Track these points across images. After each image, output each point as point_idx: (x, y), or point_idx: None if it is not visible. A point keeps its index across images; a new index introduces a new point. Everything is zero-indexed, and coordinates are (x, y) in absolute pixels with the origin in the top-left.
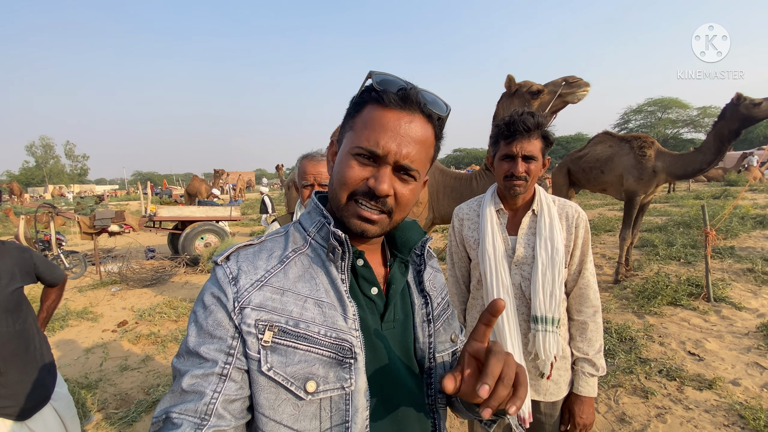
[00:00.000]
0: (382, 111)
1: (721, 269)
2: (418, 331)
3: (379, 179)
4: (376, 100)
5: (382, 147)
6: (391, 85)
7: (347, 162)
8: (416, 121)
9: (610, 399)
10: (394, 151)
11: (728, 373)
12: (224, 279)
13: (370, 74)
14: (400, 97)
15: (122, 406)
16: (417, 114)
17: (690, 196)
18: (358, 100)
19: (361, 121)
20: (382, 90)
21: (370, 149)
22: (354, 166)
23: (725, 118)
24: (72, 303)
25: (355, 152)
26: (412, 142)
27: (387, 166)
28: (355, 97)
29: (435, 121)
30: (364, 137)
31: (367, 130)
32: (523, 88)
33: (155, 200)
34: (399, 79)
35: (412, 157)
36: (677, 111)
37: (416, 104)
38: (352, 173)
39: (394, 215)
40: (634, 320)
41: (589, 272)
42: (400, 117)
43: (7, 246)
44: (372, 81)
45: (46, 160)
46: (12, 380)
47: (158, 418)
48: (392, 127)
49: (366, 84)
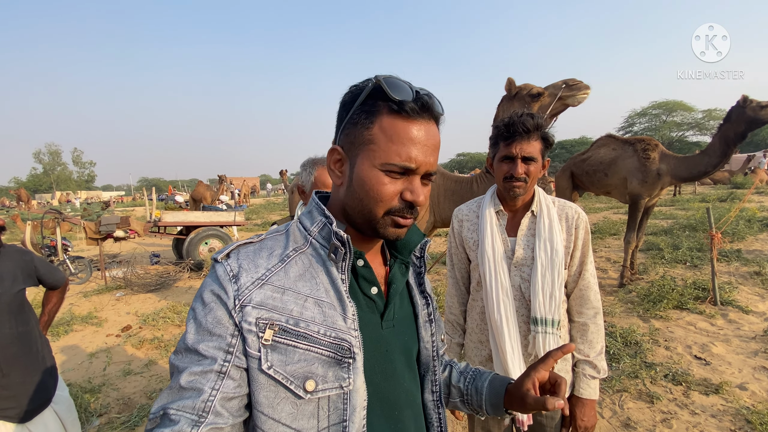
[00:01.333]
0: (405, 122)
1: (728, 272)
2: (422, 331)
3: (416, 192)
4: (394, 111)
5: (415, 161)
6: (404, 91)
7: (378, 178)
8: (433, 127)
9: (615, 404)
10: (425, 162)
11: (735, 378)
12: (225, 276)
13: (378, 79)
14: (421, 107)
15: (124, 411)
16: (432, 120)
17: (696, 199)
18: (370, 108)
19: (383, 134)
20: (401, 100)
21: (403, 165)
22: (387, 183)
23: (731, 120)
24: (77, 308)
25: (387, 169)
26: (435, 149)
27: (418, 177)
28: (359, 102)
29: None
30: (394, 153)
31: (396, 145)
32: (524, 91)
33: (161, 205)
34: (406, 82)
35: (433, 164)
36: (682, 114)
37: (434, 111)
38: (387, 190)
39: (416, 216)
40: (639, 324)
41: (590, 273)
42: (422, 127)
43: (8, 249)
44: (384, 88)
45: (54, 167)
46: (14, 382)
47: (155, 414)
48: (420, 140)
49: (368, 87)
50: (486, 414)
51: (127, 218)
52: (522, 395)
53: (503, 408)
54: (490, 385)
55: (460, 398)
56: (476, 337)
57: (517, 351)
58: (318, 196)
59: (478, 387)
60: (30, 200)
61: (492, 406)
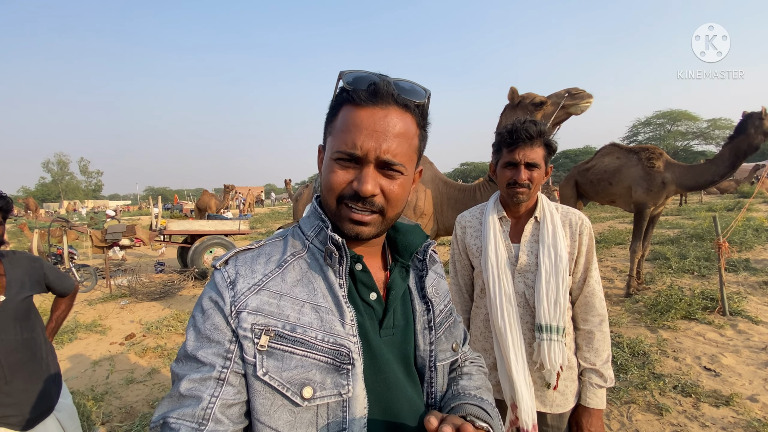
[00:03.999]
0: (356, 110)
1: (736, 282)
2: (419, 339)
3: (362, 180)
4: (348, 101)
5: (360, 147)
6: (362, 81)
7: (330, 167)
8: (392, 114)
9: (623, 416)
10: (373, 148)
11: (746, 389)
12: (222, 283)
13: (341, 74)
14: (370, 93)
15: (127, 419)
16: (392, 106)
17: (702, 208)
18: (334, 103)
19: (338, 125)
20: (352, 89)
21: (348, 152)
22: (337, 171)
23: (746, 132)
24: (81, 316)
25: (336, 157)
26: (391, 136)
27: (369, 165)
28: (331, 101)
29: (414, 110)
30: (341, 140)
31: (344, 133)
32: (526, 99)
33: (165, 214)
34: (371, 73)
35: (393, 152)
36: (686, 123)
37: (389, 96)
38: (336, 178)
39: (387, 213)
40: (646, 334)
41: (594, 280)
42: (374, 113)
43: (17, 256)
44: (343, 81)
45: (62, 177)
46: (17, 389)
47: (156, 423)
48: (367, 125)
49: (339, 85)
50: None
51: (133, 227)
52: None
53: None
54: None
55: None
56: (480, 345)
57: (521, 359)
58: (317, 201)
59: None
60: (38, 209)
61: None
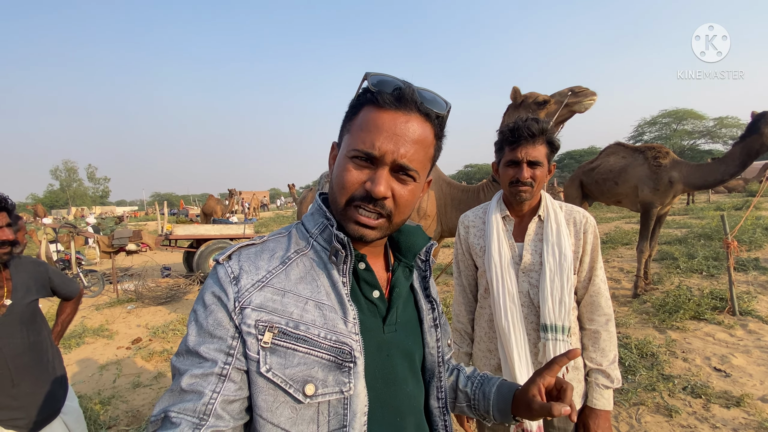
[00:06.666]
0: (378, 112)
1: (746, 282)
2: (427, 337)
3: (376, 181)
4: (372, 102)
5: (378, 148)
6: (387, 85)
7: (344, 165)
8: (413, 121)
9: (632, 417)
10: (391, 150)
11: (757, 390)
12: (225, 278)
13: (366, 76)
14: (396, 97)
15: (133, 423)
16: (414, 113)
17: (710, 208)
18: (355, 102)
19: (358, 124)
20: (377, 91)
21: (366, 151)
22: (351, 170)
23: (759, 131)
24: (89, 320)
25: (352, 155)
26: (410, 141)
27: (384, 167)
28: (352, 100)
29: (434, 120)
30: (360, 139)
31: (363, 132)
32: (529, 99)
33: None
34: (396, 78)
35: (410, 157)
36: (693, 122)
37: (412, 103)
38: (350, 177)
39: (393, 218)
40: (655, 335)
41: (600, 279)
42: (396, 117)
43: (23, 260)
44: (368, 82)
45: (70, 183)
46: (24, 392)
47: (156, 417)
48: (388, 128)
49: (363, 86)
50: (493, 420)
51: (140, 232)
52: (528, 401)
53: (510, 414)
54: (498, 390)
55: (467, 403)
56: (485, 345)
57: (525, 359)
58: (321, 198)
59: (486, 392)
60: (46, 215)
61: (499, 412)
